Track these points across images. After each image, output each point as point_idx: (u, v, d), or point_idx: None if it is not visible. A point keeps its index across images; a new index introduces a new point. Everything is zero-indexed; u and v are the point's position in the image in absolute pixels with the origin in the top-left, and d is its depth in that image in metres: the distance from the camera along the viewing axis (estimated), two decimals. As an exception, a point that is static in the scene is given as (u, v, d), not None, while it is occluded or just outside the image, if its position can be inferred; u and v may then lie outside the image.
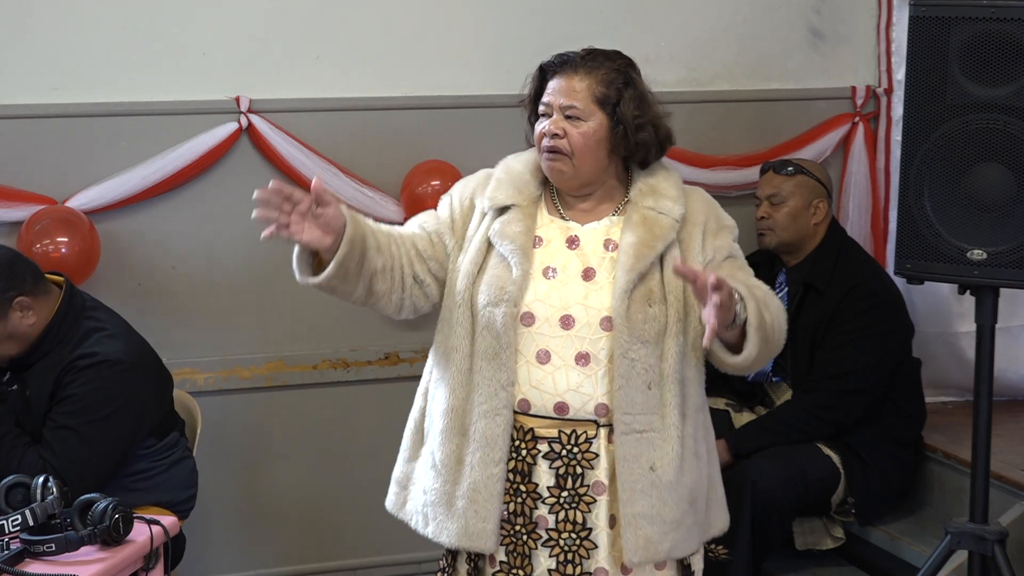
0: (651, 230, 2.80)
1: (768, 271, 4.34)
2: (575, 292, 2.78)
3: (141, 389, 3.48)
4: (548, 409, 2.77)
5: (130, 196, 4.06)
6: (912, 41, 3.39)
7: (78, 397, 3.37)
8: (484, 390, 2.77)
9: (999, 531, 3.46)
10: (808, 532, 4.19)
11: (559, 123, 2.80)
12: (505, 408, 2.76)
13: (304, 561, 4.40)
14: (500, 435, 2.77)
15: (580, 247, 2.83)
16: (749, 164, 4.57)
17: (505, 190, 2.86)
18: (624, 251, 2.78)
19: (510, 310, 2.76)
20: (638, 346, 2.75)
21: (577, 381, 2.76)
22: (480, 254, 2.83)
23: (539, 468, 2.79)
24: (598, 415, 2.77)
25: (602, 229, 2.84)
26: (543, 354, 2.77)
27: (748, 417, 4.26)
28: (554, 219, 2.87)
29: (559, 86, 2.83)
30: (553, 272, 2.80)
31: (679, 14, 4.57)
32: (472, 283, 2.81)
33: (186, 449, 3.68)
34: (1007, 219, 3.32)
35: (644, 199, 2.84)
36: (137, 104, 4.08)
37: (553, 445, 2.78)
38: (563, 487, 2.78)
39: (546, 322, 2.77)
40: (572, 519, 2.78)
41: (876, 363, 4.10)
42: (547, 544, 2.80)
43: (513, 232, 2.81)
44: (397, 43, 4.30)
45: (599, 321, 2.76)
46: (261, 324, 4.28)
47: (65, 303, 3.47)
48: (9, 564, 2.79)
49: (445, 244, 2.88)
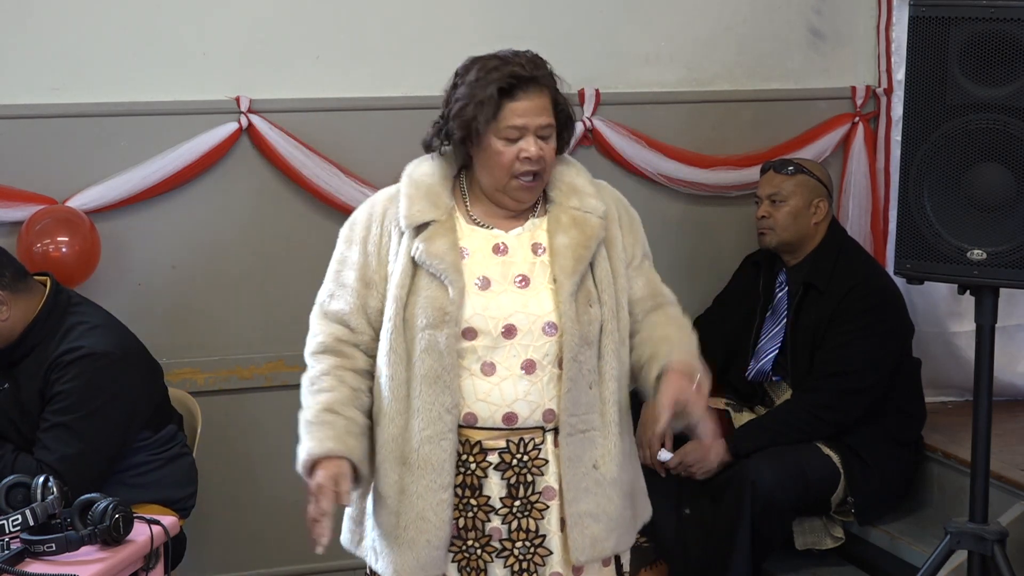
0: (583, 231, 2.77)
1: (768, 271, 4.35)
2: (513, 300, 2.73)
3: (129, 379, 3.48)
4: (497, 420, 2.73)
5: (130, 196, 4.06)
6: (912, 41, 3.39)
7: (67, 393, 3.38)
8: (425, 416, 2.70)
9: (999, 531, 3.46)
10: (808, 532, 4.19)
11: (538, 146, 2.72)
12: (450, 432, 2.70)
13: (304, 561, 4.39)
14: (447, 459, 2.70)
15: (508, 254, 2.77)
16: (749, 164, 4.57)
17: (420, 206, 2.76)
18: (561, 254, 2.75)
19: (452, 330, 2.69)
20: (584, 348, 2.73)
21: (525, 389, 2.72)
22: (407, 276, 2.73)
23: (490, 480, 2.75)
24: (545, 421, 2.75)
25: (527, 234, 2.79)
26: (488, 366, 2.72)
27: (748, 417, 4.26)
28: (475, 228, 2.79)
29: (531, 107, 2.72)
30: (487, 283, 2.74)
31: (679, 14, 4.57)
32: (403, 307, 2.73)
33: (184, 445, 3.69)
34: (1007, 219, 3.32)
35: (567, 199, 2.80)
36: (137, 104, 4.08)
37: (503, 455, 2.74)
38: (515, 496, 2.75)
39: (488, 334, 2.72)
40: (525, 527, 2.76)
41: (876, 363, 4.10)
42: (501, 555, 2.76)
43: (440, 249, 2.72)
44: (397, 43, 4.30)
45: (541, 327, 2.73)
46: (261, 324, 4.28)
47: (50, 300, 3.48)
48: (9, 564, 2.79)
49: (376, 295, 2.77)
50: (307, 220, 4.27)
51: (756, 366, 4.26)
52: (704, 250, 4.67)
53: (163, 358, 4.10)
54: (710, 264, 4.63)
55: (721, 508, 4.04)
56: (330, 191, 4.21)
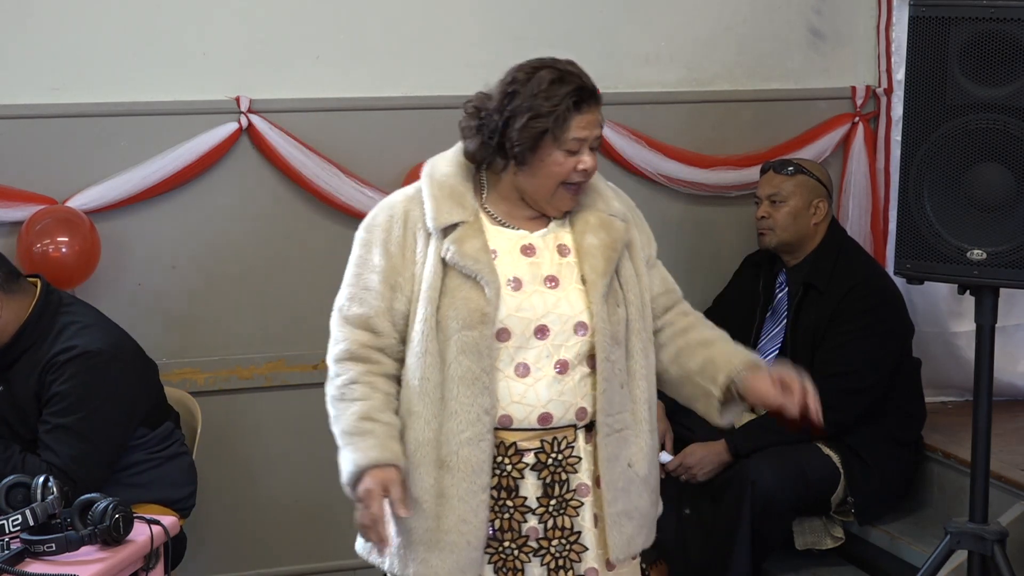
0: (610, 233, 2.80)
1: (768, 271, 4.35)
2: (544, 301, 2.74)
3: (125, 376, 3.48)
4: (532, 421, 2.74)
5: (130, 196, 4.06)
6: (912, 41, 3.39)
7: (65, 394, 3.38)
8: (464, 417, 2.69)
9: (999, 531, 3.46)
10: (808, 532, 4.19)
11: (591, 158, 2.76)
12: (488, 433, 2.70)
13: (304, 561, 4.40)
14: (485, 461, 2.70)
15: (536, 255, 2.78)
16: (749, 164, 4.57)
17: (447, 208, 2.74)
18: (591, 254, 2.77)
19: (489, 331, 2.70)
20: (615, 348, 2.76)
21: (559, 390, 2.74)
22: (438, 278, 2.71)
23: (526, 481, 2.76)
24: (578, 419, 2.77)
25: (552, 235, 2.81)
26: (522, 367, 2.73)
27: (748, 417, 4.26)
28: (501, 229, 2.79)
29: (593, 119, 2.75)
30: (518, 283, 2.75)
31: (679, 14, 4.57)
32: (436, 309, 2.71)
33: (182, 444, 3.68)
34: (1007, 219, 3.32)
35: (593, 201, 2.83)
36: (137, 104, 4.08)
37: (539, 455, 2.76)
38: (551, 495, 2.76)
39: (522, 335, 2.73)
40: (561, 525, 2.77)
41: (876, 363, 4.10)
42: (538, 554, 2.78)
43: (473, 250, 2.71)
44: (397, 43, 4.30)
45: (573, 327, 2.74)
46: (261, 324, 4.28)
47: (41, 301, 3.47)
48: (9, 564, 2.79)
49: (402, 298, 2.75)
50: (307, 220, 4.27)
51: (756, 366, 4.26)
52: (704, 250, 4.66)
53: (163, 358, 4.10)
54: (710, 264, 4.63)
55: (721, 508, 4.04)
56: (330, 191, 4.21)
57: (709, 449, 4.09)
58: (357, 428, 2.68)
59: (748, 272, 4.43)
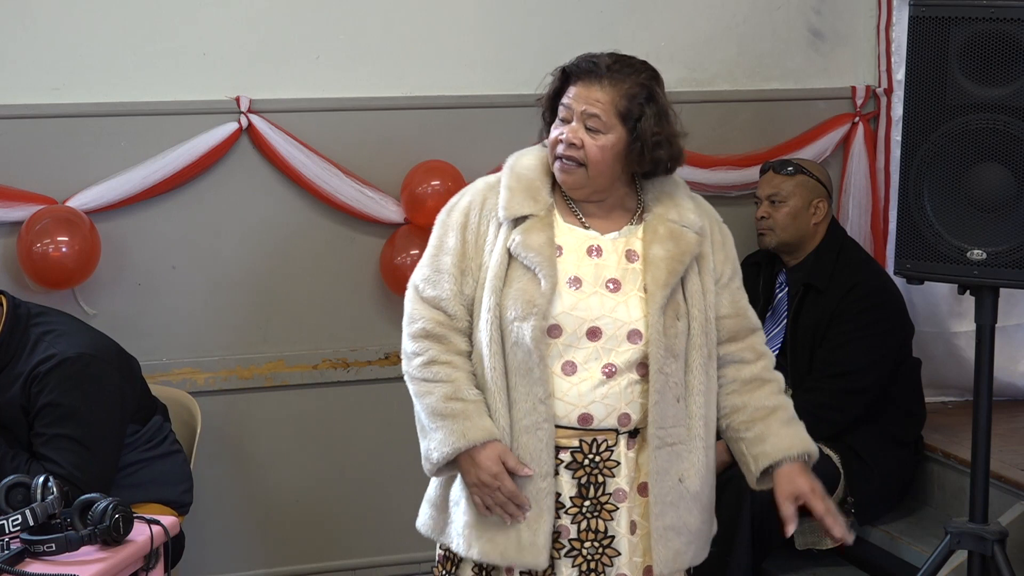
0: (678, 244, 2.79)
1: (768, 271, 4.35)
2: (602, 304, 2.75)
3: (109, 376, 3.46)
4: (572, 420, 2.75)
5: (130, 196, 4.06)
6: (912, 41, 3.39)
7: (54, 404, 3.34)
8: (523, 406, 2.74)
9: (999, 531, 3.46)
10: (808, 532, 4.19)
11: (578, 133, 2.75)
12: (546, 422, 2.73)
13: (304, 561, 4.40)
14: (544, 449, 2.73)
15: (602, 257, 2.79)
16: (749, 164, 4.57)
17: (519, 200, 2.79)
18: (655, 265, 2.77)
19: (539, 323, 2.71)
20: (670, 360, 2.76)
21: (603, 392, 2.75)
22: (503, 267, 2.76)
23: (561, 479, 2.77)
24: (620, 424, 2.77)
25: (622, 240, 2.81)
26: (568, 366, 2.75)
27: (748, 417, 4.26)
28: (572, 227, 2.81)
29: (582, 93, 2.76)
30: (578, 283, 2.76)
31: (679, 14, 4.57)
32: (500, 299, 2.75)
33: (174, 442, 3.66)
34: (1007, 219, 3.32)
35: (666, 211, 2.82)
36: (137, 104, 4.08)
37: (575, 455, 2.77)
38: (585, 496, 2.77)
39: (573, 334, 2.74)
40: (594, 528, 2.78)
41: (876, 363, 4.10)
42: (570, 554, 2.78)
43: (537, 243, 2.75)
44: (397, 43, 4.30)
45: (627, 334, 2.75)
46: (261, 324, 4.28)
47: (10, 318, 3.42)
48: (9, 564, 2.79)
49: (470, 282, 2.81)
50: (307, 220, 4.27)
51: (756, 366, 4.26)
52: (704, 250, 4.66)
53: (163, 358, 4.11)
54: (710, 264, 4.62)
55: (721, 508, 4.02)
56: (330, 191, 4.21)
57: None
58: (448, 409, 2.74)
59: (748, 272, 4.39)
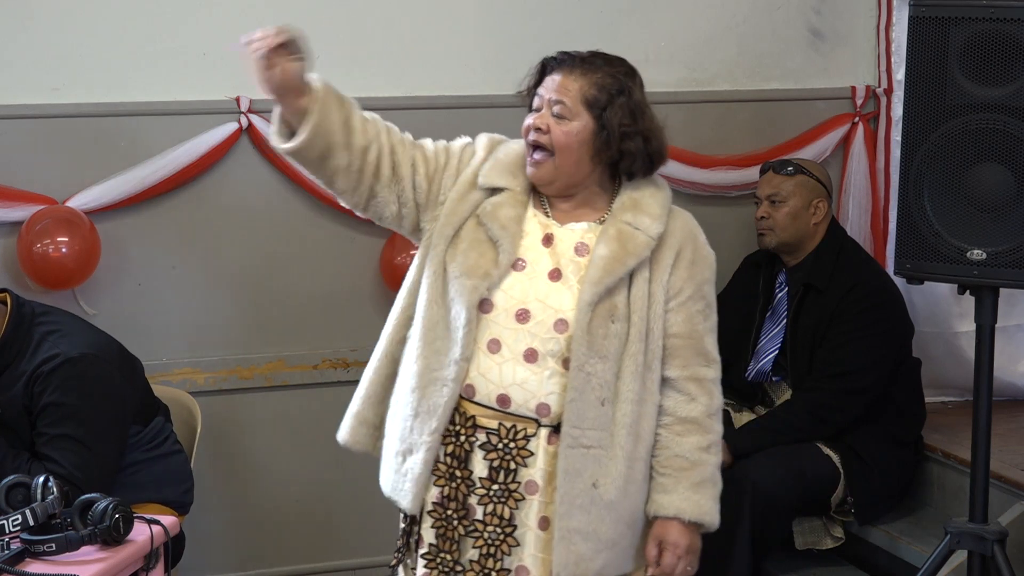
0: (624, 246, 2.78)
1: (768, 271, 4.35)
2: (537, 289, 2.76)
3: (111, 376, 3.46)
4: (491, 399, 2.75)
5: (130, 196, 4.06)
6: (912, 41, 3.39)
7: (57, 404, 3.35)
8: (441, 358, 2.76)
9: (999, 531, 3.46)
10: (808, 532, 4.19)
11: (545, 119, 2.80)
12: (453, 381, 2.75)
13: (304, 561, 4.40)
14: (442, 406, 2.75)
15: (553, 246, 2.81)
16: (749, 164, 4.57)
17: (501, 172, 2.84)
18: (594, 263, 2.77)
19: (482, 292, 2.75)
20: (595, 361, 2.73)
21: (523, 377, 2.74)
22: (461, 221, 2.81)
23: (475, 456, 2.77)
24: (539, 414, 2.75)
25: (578, 233, 2.82)
26: (494, 343, 2.75)
27: (748, 417, 4.26)
28: (537, 214, 2.85)
29: (554, 82, 2.82)
30: (522, 265, 2.79)
31: (679, 14, 4.57)
32: (447, 247, 2.80)
33: (176, 442, 3.67)
34: (1007, 219, 3.32)
35: (624, 213, 2.82)
36: (137, 104, 4.08)
37: (491, 436, 2.76)
38: (495, 480, 2.76)
39: (503, 312, 2.75)
40: (499, 513, 2.76)
41: (876, 363, 4.10)
42: (472, 534, 2.78)
43: (506, 217, 2.80)
44: (397, 43, 4.30)
45: (554, 322, 2.75)
46: (261, 324, 4.28)
47: (14, 316, 3.43)
48: (9, 564, 2.79)
49: (441, 181, 2.87)
50: (307, 220, 4.27)
51: (756, 366, 4.26)
52: (704, 250, 4.66)
53: (163, 358, 4.11)
54: (710, 264, 4.62)
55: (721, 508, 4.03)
56: (330, 191, 4.20)
57: None
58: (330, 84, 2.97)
59: (748, 272, 4.43)
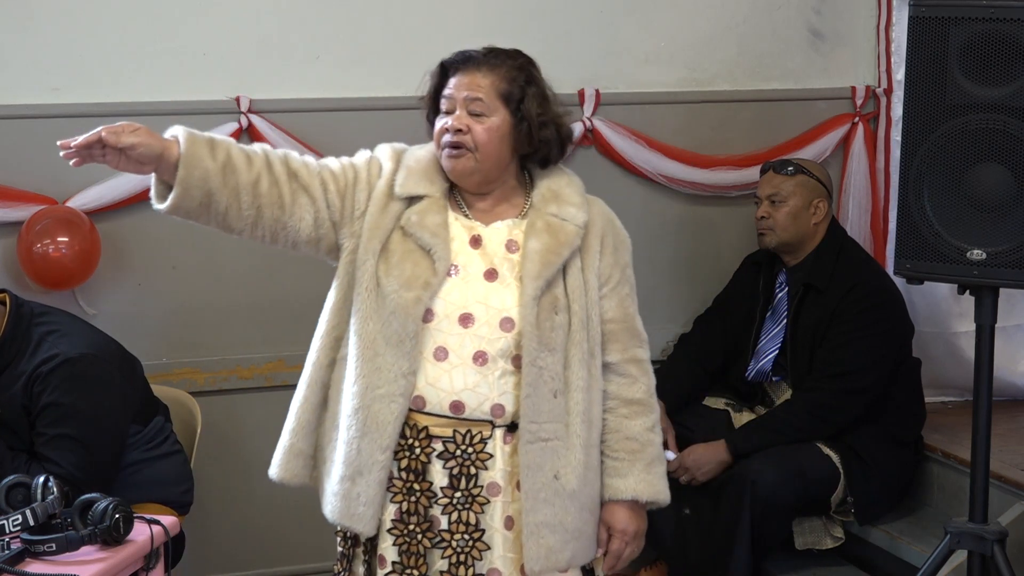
0: (556, 237, 2.79)
1: (768, 271, 4.35)
2: (476, 291, 2.76)
3: (111, 376, 3.47)
4: (444, 408, 2.74)
5: (130, 196, 4.06)
6: (912, 41, 3.39)
7: (56, 404, 3.35)
8: (385, 375, 2.72)
9: (999, 531, 3.46)
10: (808, 532, 4.20)
11: (463, 119, 2.79)
12: (401, 396, 2.72)
13: (304, 561, 4.40)
14: (391, 422, 2.72)
15: (483, 247, 2.81)
16: (749, 164, 4.57)
17: (417, 180, 2.83)
18: (530, 258, 2.77)
19: (424, 303, 2.72)
20: (546, 354, 2.74)
21: (474, 380, 2.73)
22: (386, 234, 2.78)
23: (433, 467, 2.76)
24: (494, 415, 2.75)
25: (504, 230, 2.83)
26: (440, 351, 2.74)
27: (748, 417, 4.27)
28: (458, 217, 2.84)
29: (462, 81, 2.82)
30: (455, 270, 2.78)
31: (679, 14, 4.57)
32: (377, 261, 2.77)
33: (175, 442, 3.67)
34: (1007, 219, 3.32)
35: (547, 205, 2.83)
36: (137, 104, 4.08)
37: (447, 445, 2.75)
38: (456, 487, 2.75)
39: (445, 319, 2.74)
40: (465, 520, 2.75)
41: (876, 363, 4.10)
42: (439, 545, 2.76)
43: (434, 224, 2.78)
44: (397, 43, 4.30)
45: (499, 321, 2.74)
46: (261, 324, 4.28)
47: (13, 316, 3.44)
48: (10, 564, 2.79)
49: (355, 196, 2.83)
50: (307, 220, 4.26)
51: (756, 366, 4.26)
52: (704, 250, 4.66)
53: (163, 358, 4.10)
54: (710, 264, 4.63)
55: (721, 508, 4.04)
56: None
57: (709, 449, 4.10)
58: (196, 135, 2.84)
59: (748, 272, 4.43)
